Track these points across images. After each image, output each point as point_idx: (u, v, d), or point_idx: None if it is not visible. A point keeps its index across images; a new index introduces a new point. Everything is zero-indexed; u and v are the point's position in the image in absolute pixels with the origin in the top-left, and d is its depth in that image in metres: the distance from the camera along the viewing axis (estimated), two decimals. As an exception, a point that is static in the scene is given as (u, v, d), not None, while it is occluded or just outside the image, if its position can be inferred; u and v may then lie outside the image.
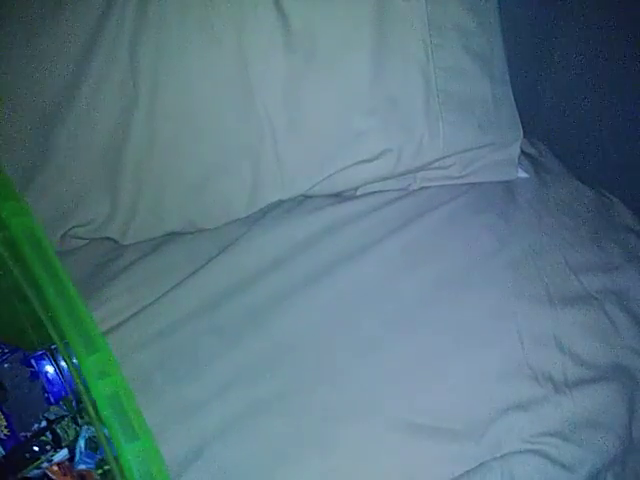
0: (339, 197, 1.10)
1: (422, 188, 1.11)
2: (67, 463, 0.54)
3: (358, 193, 1.11)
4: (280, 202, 1.05)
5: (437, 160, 1.08)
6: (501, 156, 1.11)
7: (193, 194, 0.96)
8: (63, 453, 0.55)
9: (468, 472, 0.69)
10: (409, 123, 1.03)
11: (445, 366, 0.80)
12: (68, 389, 0.56)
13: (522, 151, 1.21)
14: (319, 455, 0.68)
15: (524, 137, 1.26)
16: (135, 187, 0.92)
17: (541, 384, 0.78)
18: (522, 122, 1.12)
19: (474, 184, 1.11)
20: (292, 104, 0.98)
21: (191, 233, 0.99)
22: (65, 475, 0.51)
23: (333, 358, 0.81)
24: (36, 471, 0.53)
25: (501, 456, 0.69)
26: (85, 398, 0.47)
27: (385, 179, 1.09)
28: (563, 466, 0.69)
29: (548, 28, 1.25)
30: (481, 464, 0.69)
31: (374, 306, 0.87)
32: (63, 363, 0.56)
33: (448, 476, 0.68)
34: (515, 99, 1.11)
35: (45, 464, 0.53)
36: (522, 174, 1.14)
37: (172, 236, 0.98)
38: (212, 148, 0.97)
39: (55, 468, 0.52)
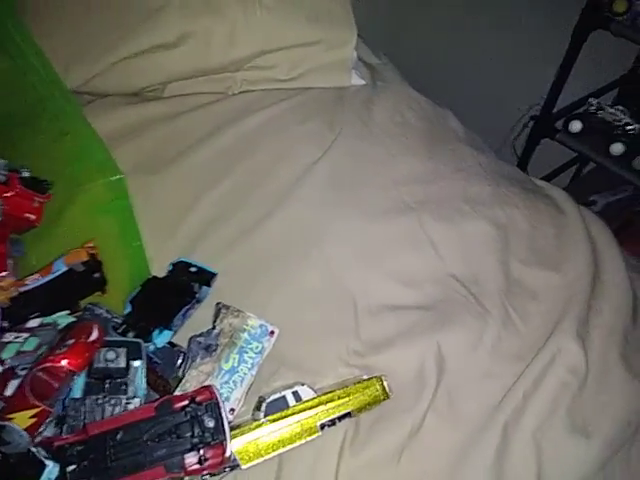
0: (140, 97, 0.90)
1: (243, 93, 0.94)
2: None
3: (165, 95, 0.92)
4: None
5: (257, 55, 0.91)
6: (333, 58, 0.97)
7: None
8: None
9: None
10: (218, 1, 0.85)
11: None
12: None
13: (363, 61, 1.09)
14: None
15: (370, 50, 1.14)
16: None
17: (343, 310, 0.67)
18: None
19: (302, 90, 0.97)
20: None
21: None
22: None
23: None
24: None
25: None
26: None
27: (196, 75, 0.90)
28: None
29: None
30: None
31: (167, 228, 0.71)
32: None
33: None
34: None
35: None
36: (358, 80, 1.01)
37: None
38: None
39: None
